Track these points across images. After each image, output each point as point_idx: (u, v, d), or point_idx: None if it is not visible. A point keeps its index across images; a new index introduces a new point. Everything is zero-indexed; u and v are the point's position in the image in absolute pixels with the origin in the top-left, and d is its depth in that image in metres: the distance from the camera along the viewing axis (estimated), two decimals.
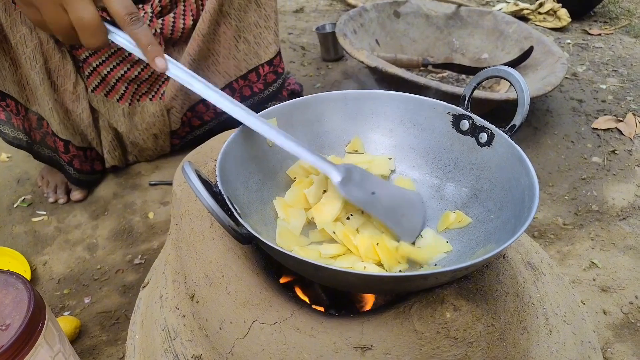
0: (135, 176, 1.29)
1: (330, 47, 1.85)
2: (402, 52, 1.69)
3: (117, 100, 1.19)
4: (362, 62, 1.35)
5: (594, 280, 0.96)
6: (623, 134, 1.39)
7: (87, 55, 1.12)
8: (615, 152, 1.33)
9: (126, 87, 1.18)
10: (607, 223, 1.10)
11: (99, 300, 0.96)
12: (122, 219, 1.16)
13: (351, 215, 0.62)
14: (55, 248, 1.10)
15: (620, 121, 1.44)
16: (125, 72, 1.15)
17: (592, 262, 1.00)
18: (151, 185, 1.26)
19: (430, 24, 1.72)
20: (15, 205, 1.22)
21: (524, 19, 2.12)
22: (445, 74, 1.66)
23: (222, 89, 1.20)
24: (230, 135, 0.59)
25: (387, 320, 0.48)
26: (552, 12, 2.09)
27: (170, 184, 1.20)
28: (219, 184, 0.51)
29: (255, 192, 0.62)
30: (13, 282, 0.60)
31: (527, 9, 2.13)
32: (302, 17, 2.34)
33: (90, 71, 1.14)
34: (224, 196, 0.50)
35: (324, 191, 0.63)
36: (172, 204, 0.68)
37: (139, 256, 1.06)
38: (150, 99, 1.22)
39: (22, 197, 1.24)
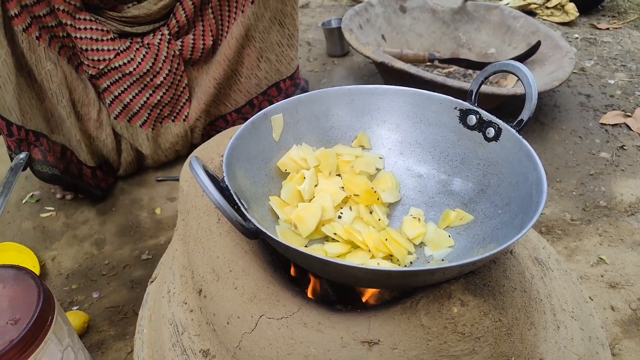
0: (142, 172, 1.30)
1: (336, 43, 1.85)
2: (408, 47, 1.69)
3: (140, 126, 1.19)
4: (368, 58, 1.34)
5: (602, 276, 0.96)
6: (631, 130, 1.38)
7: (109, 84, 1.12)
8: (624, 147, 1.32)
9: (149, 113, 1.18)
10: (615, 219, 1.09)
11: (107, 295, 0.97)
12: (130, 214, 1.17)
13: (342, 213, 0.62)
14: (63, 243, 1.11)
15: (629, 116, 1.42)
16: (148, 98, 1.15)
17: (600, 258, 0.99)
18: (158, 181, 1.27)
19: (436, 18, 1.71)
20: (23, 201, 1.23)
21: (531, 13, 2.11)
22: (451, 69, 1.65)
23: (243, 106, 1.24)
24: (236, 130, 0.59)
25: (394, 315, 0.48)
26: (560, 7, 2.07)
27: (177, 179, 1.20)
28: (225, 179, 0.51)
29: (262, 187, 0.62)
30: (23, 277, 0.60)
31: (535, 3, 2.11)
32: (307, 12, 2.33)
33: (111, 99, 1.14)
34: (231, 191, 0.50)
35: (316, 185, 0.64)
36: (179, 199, 0.68)
37: (147, 251, 1.07)
38: (173, 120, 1.22)
39: (31, 193, 1.25)
